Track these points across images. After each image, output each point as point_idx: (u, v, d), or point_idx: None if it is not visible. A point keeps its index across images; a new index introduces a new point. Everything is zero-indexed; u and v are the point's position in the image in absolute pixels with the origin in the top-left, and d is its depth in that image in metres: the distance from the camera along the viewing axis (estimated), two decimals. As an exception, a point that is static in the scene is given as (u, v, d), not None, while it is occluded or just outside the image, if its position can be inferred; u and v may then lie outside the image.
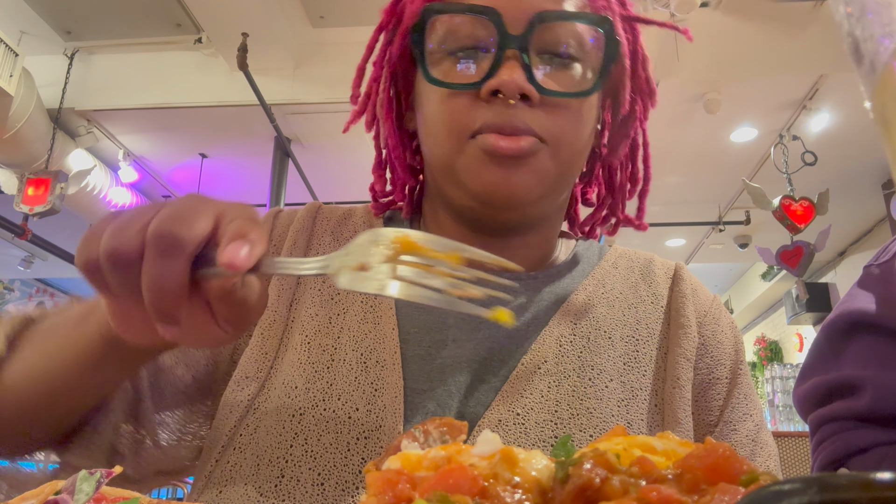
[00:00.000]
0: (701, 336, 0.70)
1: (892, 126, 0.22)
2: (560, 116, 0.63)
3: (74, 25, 4.43)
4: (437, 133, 0.65)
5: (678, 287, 0.73)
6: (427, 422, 0.33)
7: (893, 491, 0.16)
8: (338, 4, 4.09)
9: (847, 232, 6.43)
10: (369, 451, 0.58)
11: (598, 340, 0.67)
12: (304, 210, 0.78)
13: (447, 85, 0.63)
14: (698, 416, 0.66)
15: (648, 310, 0.71)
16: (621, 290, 0.72)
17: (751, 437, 0.67)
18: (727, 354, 0.70)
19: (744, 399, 0.69)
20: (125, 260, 0.42)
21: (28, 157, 4.51)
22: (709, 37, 4.08)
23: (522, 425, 0.60)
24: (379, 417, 0.60)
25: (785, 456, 2.76)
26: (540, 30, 0.61)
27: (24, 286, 9.07)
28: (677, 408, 0.64)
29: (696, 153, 5.16)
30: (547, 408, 0.61)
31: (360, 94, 0.74)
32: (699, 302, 0.73)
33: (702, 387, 0.68)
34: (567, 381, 0.63)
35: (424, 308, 0.68)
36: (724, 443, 0.26)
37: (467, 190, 0.65)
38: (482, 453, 0.26)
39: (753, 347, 9.42)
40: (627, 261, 0.77)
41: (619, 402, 0.63)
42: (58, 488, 0.36)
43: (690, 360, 0.67)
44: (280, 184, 4.87)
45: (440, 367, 0.63)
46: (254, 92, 4.13)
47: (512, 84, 0.60)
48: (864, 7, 0.22)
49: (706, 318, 0.71)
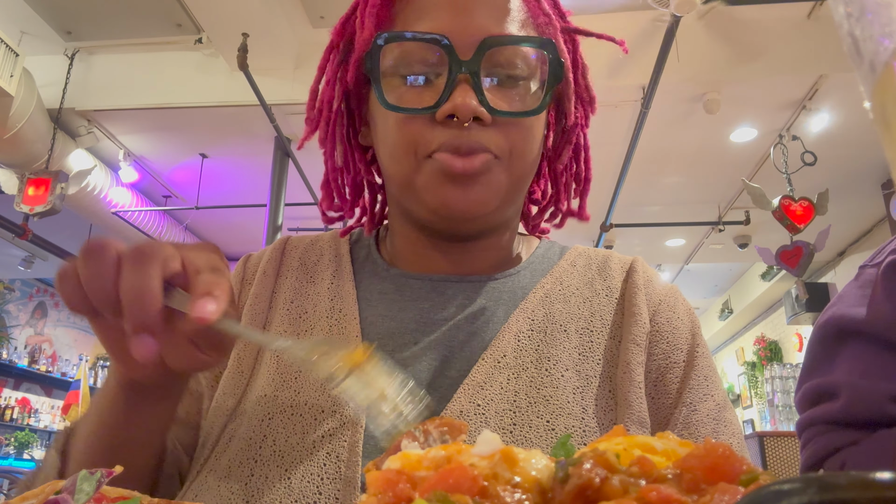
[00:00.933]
0: (655, 323, 0.73)
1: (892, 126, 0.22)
2: (512, 133, 0.67)
3: (75, 25, 4.43)
4: (393, 153, 0.69)
5: (631, 278, 0.76)
6: (427, 421, 0.33)
7: (893, 491, 0.16)
8: (338, 4, 4.09)
9: (847, 232, 6.44)
10: (334, 446, 0.62)
11: (555, 334, 0.70)
12: (272, 245, 0.84)
13: (403, 110, 0.66)
14: (657, 400, 0.69)
15: (603, 303, 0.75)
16: (578, 287, 0.76)
17: (712, 416, 0.69)
18: (683, 339, 0.73)
19: (703, 380, 0.71)
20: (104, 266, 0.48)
21: (28, 157, 4.51)
22: (709, 37, 4.08)
23: (483, 415, 0.63)
24: (343, 416, 0.64)
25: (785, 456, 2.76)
26: (489, 54, 0.65)
27: (24, 286, 9.07)
28: (628, 391, 0.67)
29: (696, 153, 5.16)
30: (506, 398, 0.65)
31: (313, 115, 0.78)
32: (653, 291, 0.75)
33: (659, 371, 0.70)
34: (525, 373, 0.67)
35: (388, 315, 0.72)
36: (723, 443, 0.26)
37: (426, 206, 0.69)
38: (482, 453, 0.26)
39: (753, 347, 9.42)
40: (586, 259, 0.80)
41: (574, 389, 0.66)
42: (58, 488, 0.36)
43: (640, 346, 0.70)
44: (280, 184, 4.88)
45: (402, 364, 0.67)
46: (254, 92, 4.13)
47: (465, 108, 0.63)
48: (864, 7, 0.22)
49: (660, 306, 0.74)
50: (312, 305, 0.75)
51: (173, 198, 6.05)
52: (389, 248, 0.80)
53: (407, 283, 0.75)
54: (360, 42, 0.70)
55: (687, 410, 0.68)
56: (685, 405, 0.68)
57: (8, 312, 8.75)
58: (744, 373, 9.73)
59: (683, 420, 0.68)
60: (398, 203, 0.75)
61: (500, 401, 0.64)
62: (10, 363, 8.38)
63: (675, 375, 0.70)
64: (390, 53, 0.67)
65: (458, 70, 0.64)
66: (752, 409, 9.24)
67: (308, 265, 0.80)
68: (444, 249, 0.75)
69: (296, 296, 0.77)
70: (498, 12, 0.68)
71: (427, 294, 0.73)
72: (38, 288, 9.31)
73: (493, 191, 0.67)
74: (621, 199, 5.25)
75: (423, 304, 0.72)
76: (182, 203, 6.01)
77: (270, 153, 4.91)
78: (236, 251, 7.66)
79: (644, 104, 4.08)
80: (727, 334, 10.39)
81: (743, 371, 9.79)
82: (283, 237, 0.85)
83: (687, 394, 0.69)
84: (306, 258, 0.81)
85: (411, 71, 0.67)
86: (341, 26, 0.75)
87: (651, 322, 0.73)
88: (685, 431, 0.67)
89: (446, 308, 0.72)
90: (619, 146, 4.76)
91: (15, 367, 8.46)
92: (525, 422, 0.63)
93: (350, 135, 0.78)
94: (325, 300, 0.75)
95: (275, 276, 0.79)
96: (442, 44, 0.64)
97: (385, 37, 0.67)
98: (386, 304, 0.73)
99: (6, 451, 7.66)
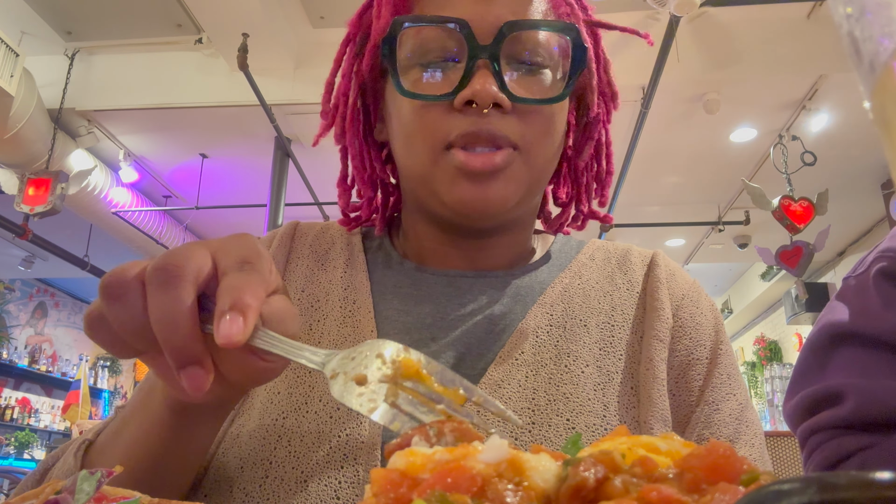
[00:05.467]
0: (678, 318, 0.71)
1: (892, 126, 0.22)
2: (533, 122, 0.65)
3: (75, 26, 4.43)
4: (411, 144, 0.66)
5: (653, 273, 0.74)
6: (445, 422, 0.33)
7: (893, 491, 0.16)
8: (338, 4, 4.09)
9: (846, 232, 6.44)
10: (350, 448, 0.60)
11: (574, 329, 0.69)
12: (282, 229, 0.80)
13: (421, 97, 0.64)
14: (679, 397, 0.67)
15: (624, 297, 0.73)
16: (597, 281, 0.74)
17: (734, 415, 0.67)
18: (707, 335, 0.71)
19: (727, 379, 0.69)
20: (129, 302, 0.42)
21: (29, 157, 4.52)
22: (709, 37, 4.08)
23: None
24: (359, 415, 0.61)
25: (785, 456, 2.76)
26: (509, 39, 0.63)
27: (24, 286, 9.07)
28: (651, 388, 0.65)
29: (696, 153, 5.16)
30: (525, 396, 0.63)
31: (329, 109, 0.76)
32: (675, 285, 0.74)
33: (681, 368, 0.68)
34: (544, 370, 0.65)
35: (404, 310, 0.70)
36: (725, 442, 0.26)
37: (442, 202, 0.66)
38: (489, 459, 0.26)
39: (753, 347, 9.42)
40: (604, 252, 0.78)
41: (595, 386, 0.65)
42: (58, 488, 0.36)
43: (663, 342, 0.68)
44: (280, 184, 4.87)
45: None
46: (254, 92, 4.13)
47: (485, 94, 0.61)
48: (864, 7, 0.22)
49: (683, 301, 0.72)
50: (325, 294, 0.72)
51: (173, 198, 6.05)
52: (402, 244, 0.78)
53: (422, 277, 0.72)
54: (377, 29, 0.68)
55: (709, 409, 0.66)
56: (707, 403, 0.67)
57: (8, 312, 8.75)
58: (744, 373, 9.72)
59: (705, 419, 0.66)
60: (415, 199, 0.73)
61: (519, 399, 0.63)
62: (11, 363, 8.38)
63: (698, 373, 0.68)
64: (408, 41, 0.65)
65: (477, 56, 0.62)
66: (752, 409, 9.24)
67: (319, 252, 0.77)
68: (460, 245, 0.73)
69: (307, 283, 0.74)
70: (519, 0, 0.66)
71: (443, 289, 0.71)
72: (38, 288, 9.31)
73: (513, 187, 0.65)
74: (621, 199, 5.25)
75: (439, 300, 0.70)
76: (182, 203, 6.01)
77: (270, 153, 4.91)
78: (236, 251, 7.66)
79: (644, 104, 4.08)
80: (727, 334, 10.39)
81: (743, 371, 9.79)
82: (293, 222, 0.82)
83: (710, 392, 0.67)
84: (317, 245, 0.78)
85: (429, 57, 0.64)
86: (358, 17, 0.72)
87: (674, 317, 0.71)
88: (707, 431, 0.65)
89: (463, 304, 0.70)
90: (619, 146, 4.76)
91: (15, 367, 8.46)
92: (544, 420, 0.61)
93: (365, 132, 0.76)
94: (337, 289, 0.72)
95: (284, 262, 0.76)
96: (461, 29, 0.62)
97: (403, 20, 0.64)
98: (401, 298, 0.71)
99: (6, 451, 7.66)
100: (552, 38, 0.65)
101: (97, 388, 9.37)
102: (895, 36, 0.22)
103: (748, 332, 9.79)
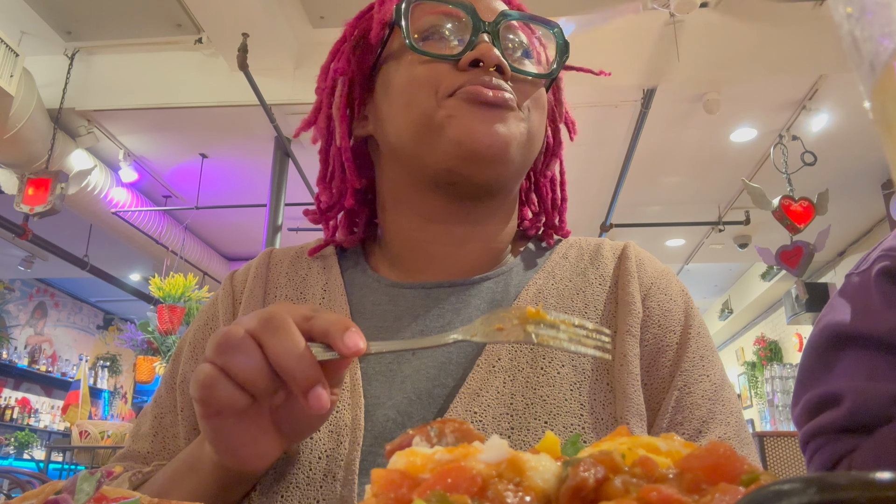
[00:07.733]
0: (647, 308, 0.71)
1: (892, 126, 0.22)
2: (527, 96, 0.71)
3: (75, 26, 4.43)
4: (412, 95, 0.69)
5: (623, 265, 0.75)
6: (446, 422, 0.33)
7: (893, 491, 0.16)
8: (338, 4, 4.09)
9: (847, 232, 6.44)
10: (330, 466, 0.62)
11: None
12: (256, 260, 0.82)
13: (429, 54, 0.69)
14: (650, 387, 0.68)
15: (596, 292, 0.74)
16: (570, 279, 0.75)
17: (707, 396, 0.67)
18: (676, 321, 0.71)
19: (699, 360, 0.69)
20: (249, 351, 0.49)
21: (28, 157, 4.51)
22: (709, 37, 4.08)
23: (480, 422, 0.63)
24: (340, 435, 0.63)
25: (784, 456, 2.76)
26: (506, 24, 0.71)
27: (24, 286, 9.07)
28: (626, 384, 0.66)
29: (696, 153, 5.16)
30: (503, 402, 0.64)
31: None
32: (644, 275, 0.74)
33: (651, 357, 0.69)
34: (521, 374, 0.66)
35: (384, 327, 0.71)
36: (725, 443, 0.26)
37: (449, 141, 0.67)
38: (489, 459, 0.26)
39: (753, 347, 9.42)
40: (577, 249, 0.79)
41: (571, 385, 0.66)
42: (58, 488, 0.36)
43: (635, 336, 0.69)
44: (280, 184, 4.87)
45: (401, 377, 0.67)
46: (254, 92, 4.13)
47: (491, 54, 0.67)
48: (864, 7, 0.22)
49: (651, 290, 0.73)
50: None
51: (173, 198, 6.05)
52: (378, 253, 0.80)
53: (400, 293, 0.74)
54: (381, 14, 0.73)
55: (679, 394, 0.67)
56: (677, 389, 0.67)
57: (8, 312, 8.75)
58: (744, 373, 9.73)
59: (676, 403, 0.66)
60: (405, 169, 0.73)
61: (497, 406, 0.64)
62: (10, 363, 8.38)
63: (668, 359, 0.69)
64: (415, 20, 0.70)
65: (480, 29, 0.69)
66: (752, 409, 9.24)
67: (296, 280, 0.78)
68: (448, 223, 0.73)
69: None
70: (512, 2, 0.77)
71: (422, 302, 0.72)
72: (38, 288, 9.31)
73: (519, 129, 0.68)
74: (621, 200, 5.25)
75: (418, 314, 0.71)
76: (182, 203, 6.00)
77: (270, 153, 4.91)
78: (236, 251, 7.67)
79: (644, 104, 4.09)
80: (727, 334, 10.39)
81: (743, 371, 9.79)
82: (267, 250, 0.84)
83: (679, 377, 0.68)
84: (293, 273, 0.79)
85: (435, 33, 0.70)
86: (356, 20, 0.77)
87: (643, 307, 0.71)
88: (679, 415, 0.66)
89: (441, 315, 0.71)
90: (619, 146, 4.77)
91: (15, 367, 8.46)
92: (522, 425, 0.62)
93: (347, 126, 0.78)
94: None
95: (262, 295, 0.78)
96: (466, 8, 0.69)
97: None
98: (380, 315, 0.72)
99: (6, 451, 7.66)
100: (541, 28, 0.75)
101: (97, 388, 9.36)
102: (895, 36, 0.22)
103: (748, 332, 9.79)
